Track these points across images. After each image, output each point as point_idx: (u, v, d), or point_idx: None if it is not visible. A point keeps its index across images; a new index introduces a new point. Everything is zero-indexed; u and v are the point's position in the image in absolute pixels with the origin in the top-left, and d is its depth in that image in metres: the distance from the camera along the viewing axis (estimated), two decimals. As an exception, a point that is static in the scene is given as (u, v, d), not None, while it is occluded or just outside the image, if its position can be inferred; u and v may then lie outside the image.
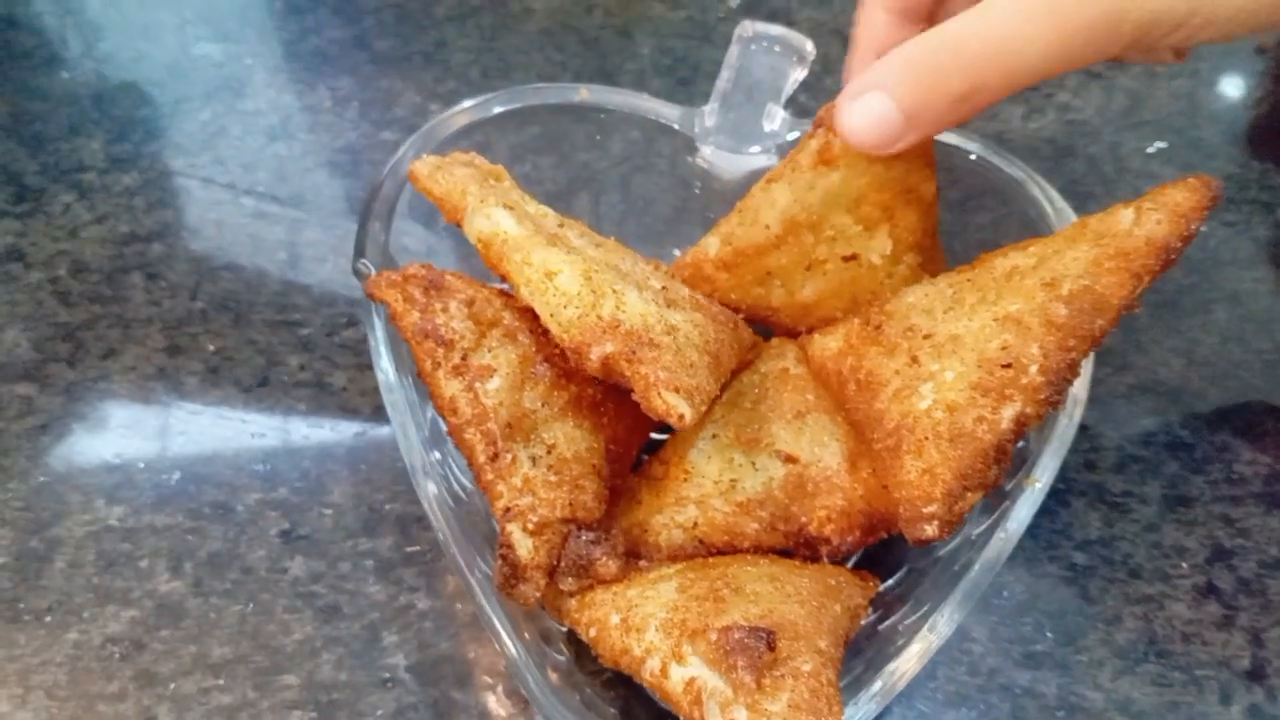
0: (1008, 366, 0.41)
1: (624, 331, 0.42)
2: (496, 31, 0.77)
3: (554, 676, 0.43)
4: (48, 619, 0.50)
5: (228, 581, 0.51)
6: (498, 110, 0.53)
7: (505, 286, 0.47)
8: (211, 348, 0.60)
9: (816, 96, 0.67)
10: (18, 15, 0.78)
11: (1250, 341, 0.59)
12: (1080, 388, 0.45)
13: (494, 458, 0.43)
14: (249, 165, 0.69)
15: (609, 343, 0.42)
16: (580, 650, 0.46)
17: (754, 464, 0.48)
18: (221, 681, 0.48)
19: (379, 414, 0.57)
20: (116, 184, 0.67)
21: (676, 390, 0.41)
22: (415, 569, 0.52)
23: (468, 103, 0.53)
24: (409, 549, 0.52)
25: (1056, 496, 0.54)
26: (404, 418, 0.46)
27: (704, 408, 0.43)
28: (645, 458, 0.50)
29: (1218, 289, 0.62)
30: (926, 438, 0.41)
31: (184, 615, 0.50)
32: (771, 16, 0.79)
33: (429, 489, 0.44)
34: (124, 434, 0.56)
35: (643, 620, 0.42)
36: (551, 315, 0.43)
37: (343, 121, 0.71)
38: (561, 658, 0.46)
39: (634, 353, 0.42)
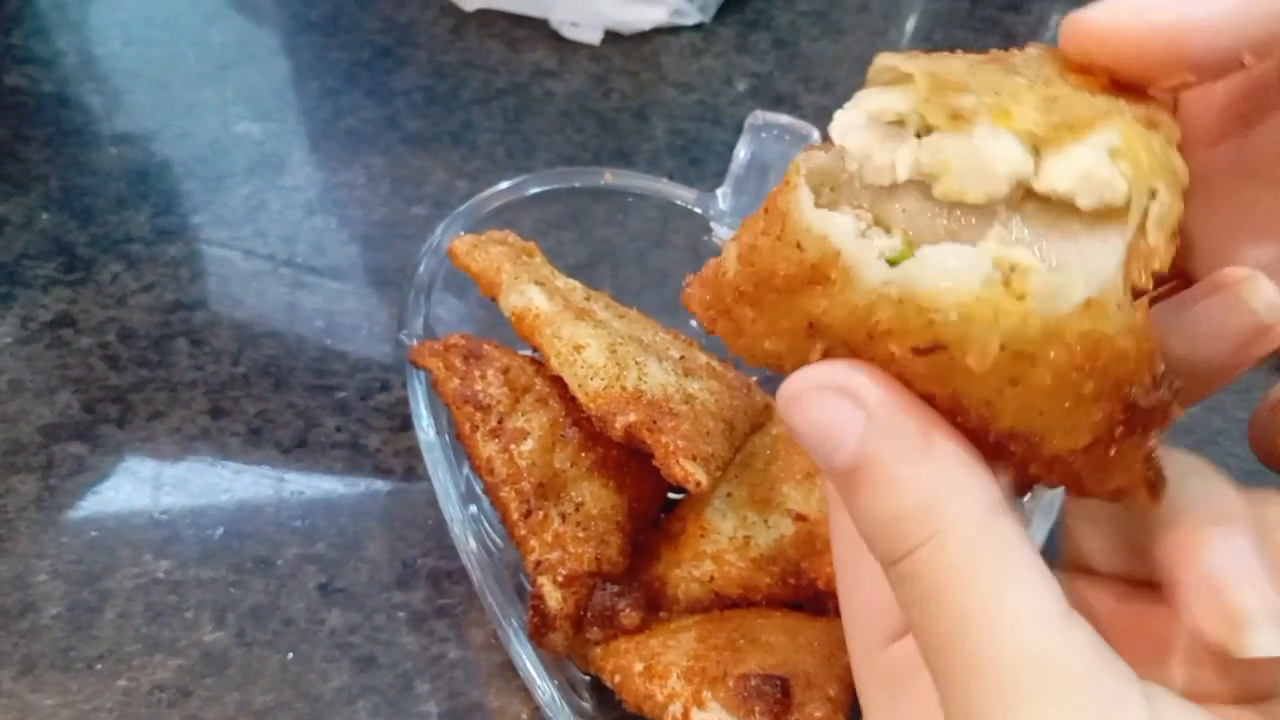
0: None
1: (645, 401, 0.46)
2: (520, 113, 0.82)
3: (580, 721, 0.46)
4: (98, 667, 0.53)
5: (269, 632, 0.54)
6: (533, 191, 0.58)
7: (535, 354, 0.51)
8: (253, 410, 0.63)
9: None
10: (67, 94, 0.83)
11: (1230, 411, 0.63)
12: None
13: (527, 514, 0.47)
14: (288, 238, 0.73)
15: (632, 412, 0.46)
16: (603, 698, 0.49)
17: (766, 522, 0.51)
18: (263, 727, 0.51)
19: (411, 474, 0.61)
20: (163, 254, 0.72)
21: (694, 458, 0.45)
22: (446, 621, 0.55)
23: (504, 184, 0.58)
24: (440, 602, 0.55)
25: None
26: (443, 475, 0.49)
27: (719, 474, 0.47)
28: (664, 515, 0.54)
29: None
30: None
31: (228, 664, 0.53)
32: (778, 100, 0.84)
33: (469, 544, 0.47)
34: (170, 492, 0.60)
35: (665, 668, 0.45)
36: (579, 386, 0.47)
37: (376, 197, 0.76)
38: (586, 704, 0.49)
39: (655, 422, 0.46)
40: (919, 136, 0.25)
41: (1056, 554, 0.41)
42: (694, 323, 0.64)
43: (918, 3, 0.95)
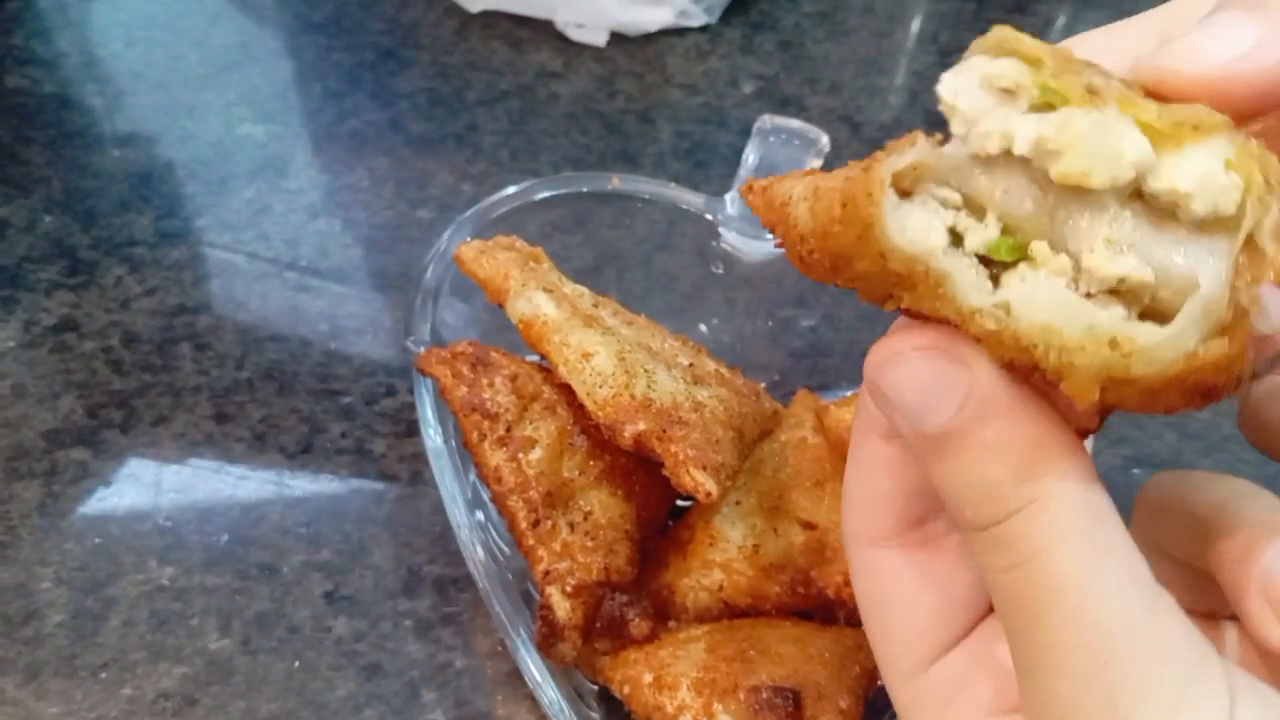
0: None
1: (655, 410, 0.46)
2: (524, 116, 0.82)
3: (589, 732, 0.46)
4: (103, 675, 0.52)
5: (274, 640, 0.54)
6: (539, 196, 0.57)
7: (543, 361, 0.51)
8: (257, 415, 0.63)
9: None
10: (70, 96, 0.83)
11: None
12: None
13: (535, 524, 0.47)
14: (291, 241, 0.73)
15: (641, 421, 0.45)
16: (610, 709, 0.49)
17: (775, 530, 0.51)
18: (269, 736, 0.50)
19: (416, 480, 0.60)
20: (166, 258, 0.71)
21: (703, 468, 0.45)
22: (452, 629, 0.54)
23: (510, 189, 0.57)
24: (447, 609, 0.55)
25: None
26: (450, 482, 0.49)
27: (729, 483, 0.46)
28: (672, 523, 0.54)
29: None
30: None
31: (233, 672, 0.53)
32: (784, 102, 0.83)
33: (477, 552, 0.47)
34: (175, 498, 0.59)
35: (675, 679, 0.45)
36: (588, 394, 0.47)
37: (380, 200, 0.75)
38: (594, 714, 0.49)
39: (664, 431, 0.45)
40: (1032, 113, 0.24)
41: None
42: (702, 328, 0.64)
43: (923, 4, 0.95)
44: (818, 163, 0.59)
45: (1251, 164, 0.23)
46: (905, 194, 0.25)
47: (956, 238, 0.24)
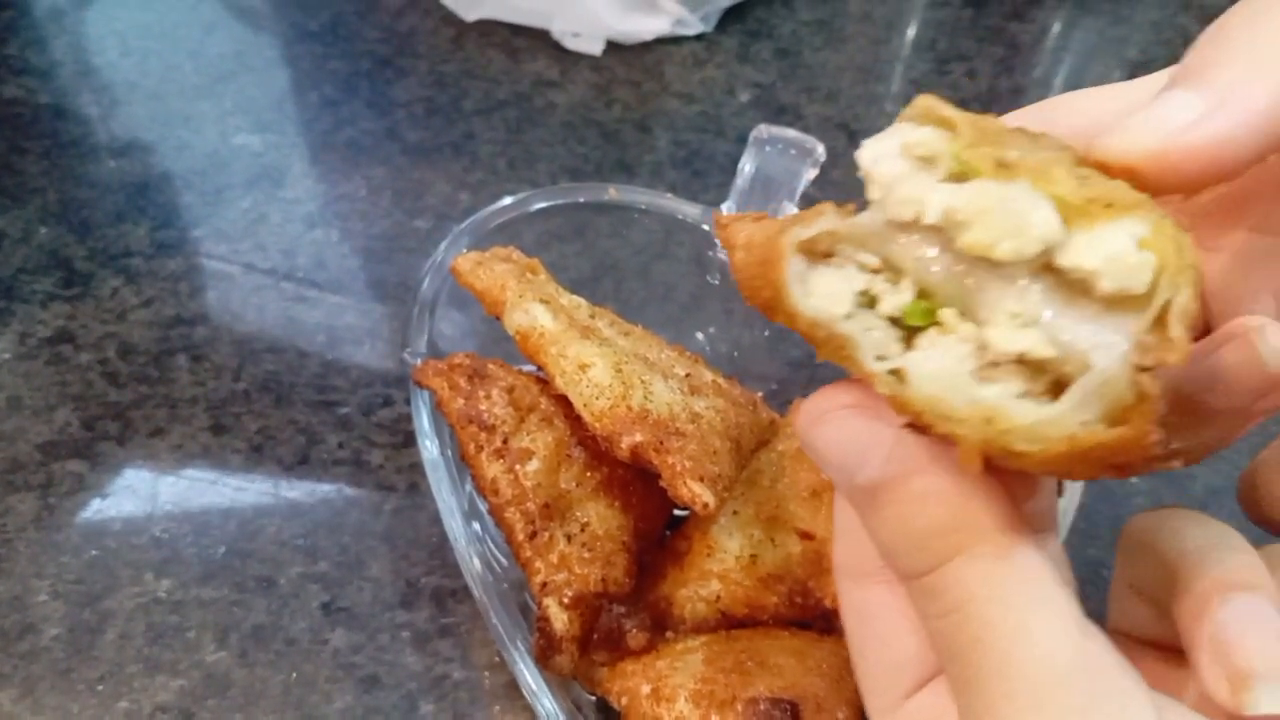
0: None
1: (651, 421, 0.46)
2: (521, 125, 0.82)
3: (587, 744, 0.46)
4: (99, 688, 0.52)
5: (271, 652, 0.54)
6: (536, 207, 0.57)
7: (540, 372, 0.50)
8: (254, 427, 0.63)
9: (824, 190, 0.72)
10: (65, 106, 0.83)
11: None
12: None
13: (532, 536, 0.47)
14: (288, 251, 0.73)
15: (638, 432, 0.45)
16: (608, 719, 0.49)
17: (773, 540, 0.51)
18: (266, 750, 0.50)
19: (414, 491, 0.60)
20: (162, 269, 0.71)
21: (700, 479, 0.45)
22: (450, 641, 0.54)
23: (507, 200, 0.57)
24: (444, 621, 0.55)
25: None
26: (447, 494, 0.49)
27: (726, 494, 0.46)
28: (669, 533, 0.53)
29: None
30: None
31: (230, 685, 0.52)
32: (781, 110, 0.83)
33: (474, 563, 0.47)
34: (171, 510, 0.59)
35: (672, 691, 0.45)
36: (585, 405, 0.47)
37: (377, 209, 0.75)
38: (592, 727, 0.49)
39: (661, 442, 0.45)
40: (947, 183, 0.24)
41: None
42: (699, 336, 0.64)
43: (920, 12, 0.95)
44: (814, 172, 0.59)
45: (1167, 244, 0.23)
46: (826, 255, 0.26)
47: (873, 300, 0.25)
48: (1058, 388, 0.24)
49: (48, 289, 0.69)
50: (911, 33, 0.94)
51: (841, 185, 0.49)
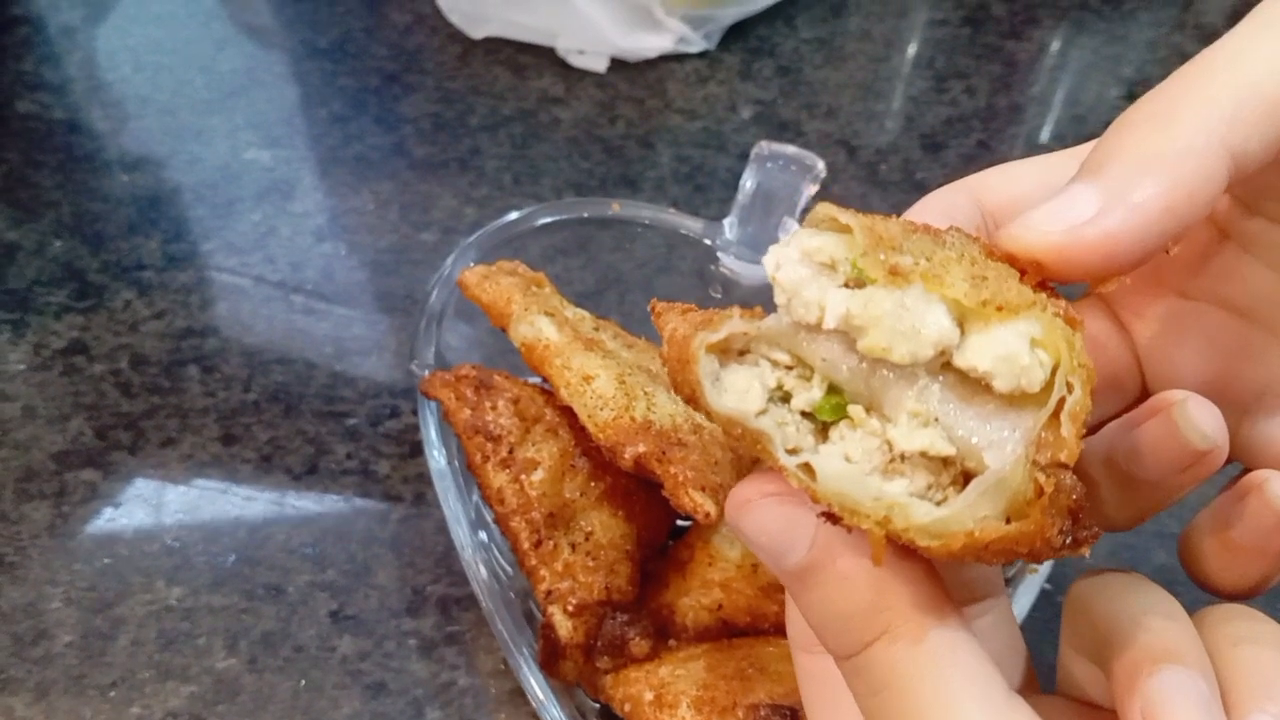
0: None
1: (654, 432, 0.47)
2: (527, 140, 0.83)
3: (591, 750, 0.46)
4: (112, 694, 0.53)
5: (280, 659, 0.55)
6: (542, 221, 0.59)
7: (545, 383, 0.52)
8: (264, 437, 0.64)
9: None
10: (78, 121, 0.84)
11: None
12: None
13: (537, 544, 0.47)
14: (298, 264, 0.74)
15: (641, 443, 0.46)
16: (611, 726, 0.50)
17: (773, 550, 0.52)
18: (275, 754, 0.51)
19: (420, 501, 0.61)
20: (173, 281, 0.72)
21: (702, 489, 0.46)
22: (456, 648, 0.55)
23: (513, 215, 0.58)
24: (450, 628, 0.56)
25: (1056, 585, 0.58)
26: (454, 503, 0.50)
27: (728, 502, 0.47)
28: (672, 543, 0.54)
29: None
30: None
31: (240, 691, 0.53)
32: (782, 127, 0.85)
33: (480, 572, 0.48)
34: (182, 518, 0.60)
35: (675, 697, 0.45)
36: (589, 416, 0.48)
37: (384, 223, 0.77)
38: (596, 733, 0.50)
39: (664, 453, 0.46)
40: (848, 287, 0.25)
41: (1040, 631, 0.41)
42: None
43: (919, 30, 0.96)
44: (814, 188, 0.60)
45: (1060, 343, 0.24)
46: (741, 353, 0.27)
47: (787, 395, 0.26)
48: (969, 477, 0.25)
49: (61, 301, 0.70)
50: (911, 51, 0.95)
51: (842, 200, 0.50)
